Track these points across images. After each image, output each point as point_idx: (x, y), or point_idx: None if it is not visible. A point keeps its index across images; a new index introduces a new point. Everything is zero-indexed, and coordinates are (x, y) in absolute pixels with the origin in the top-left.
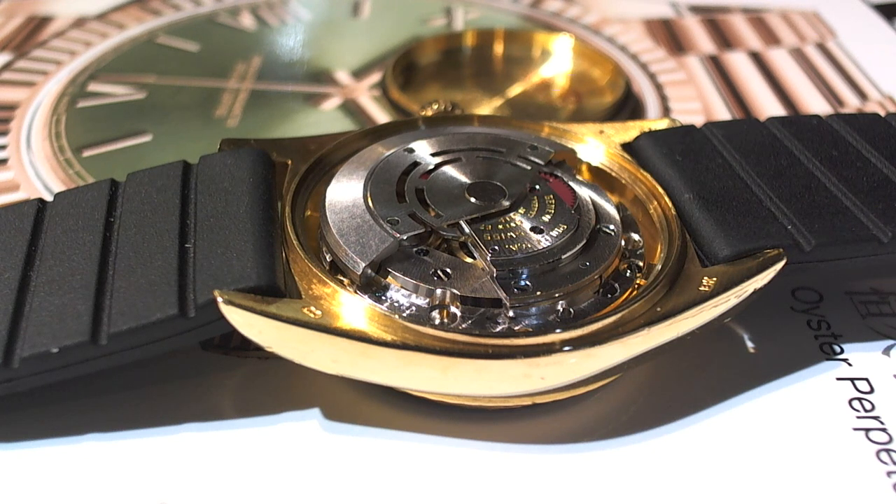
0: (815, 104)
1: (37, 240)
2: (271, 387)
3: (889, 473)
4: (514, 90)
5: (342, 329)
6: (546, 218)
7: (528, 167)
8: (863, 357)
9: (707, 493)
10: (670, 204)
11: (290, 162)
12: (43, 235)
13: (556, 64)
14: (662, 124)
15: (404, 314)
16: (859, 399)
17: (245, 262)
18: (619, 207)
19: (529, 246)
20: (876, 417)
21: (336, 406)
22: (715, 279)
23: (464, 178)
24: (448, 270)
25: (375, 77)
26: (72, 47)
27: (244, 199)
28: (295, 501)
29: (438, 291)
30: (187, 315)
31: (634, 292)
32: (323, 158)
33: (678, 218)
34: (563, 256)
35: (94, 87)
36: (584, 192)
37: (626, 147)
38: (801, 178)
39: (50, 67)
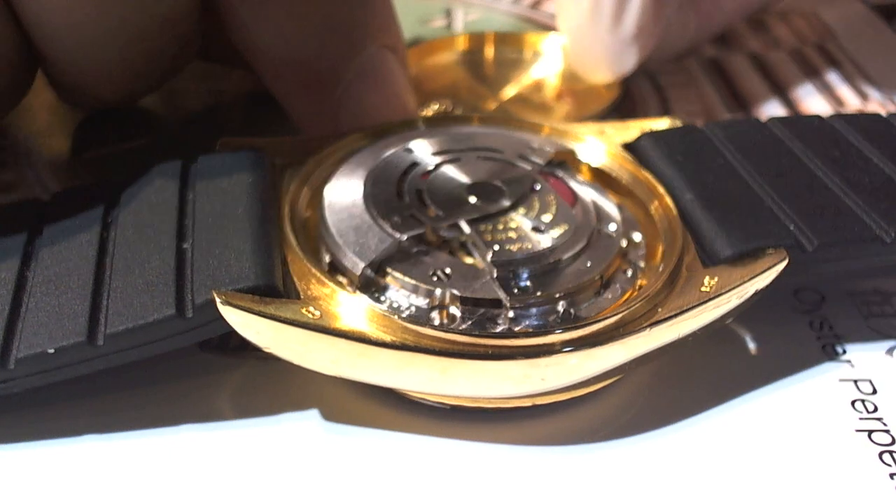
0: (815, 105)
1: (33, 240)
2: (270, 387)
3: (892, 475)
4: (509, 92)
5: (341, 330)
6: (546, 218)
7: (528, 167)
8: (865, 358)
9: (708, 494)
10: (671, 204)
11: (289, 162)
12: (39, 235)
13: (550, 64)
14: (663, 124)
15: (404, 315)
16: (862, 400)
17: (243, 263)
18: (619, 207)
19: (530, 246)
20: (879, 419)
21: (335, 407)
22: (716, 279)
23: (464, 178)
24: (448, 270)
25: None
26: None
27: (242, 199)
28: (295, 502)
29: (438, 292)
30: (185, 315)
31: (635, 293)
32: (322, 158)
33: (679, 218)
34: (564, 257)
35: None
36: (585, 192)
37: (627, 147)
38: (802, 178)
39: None
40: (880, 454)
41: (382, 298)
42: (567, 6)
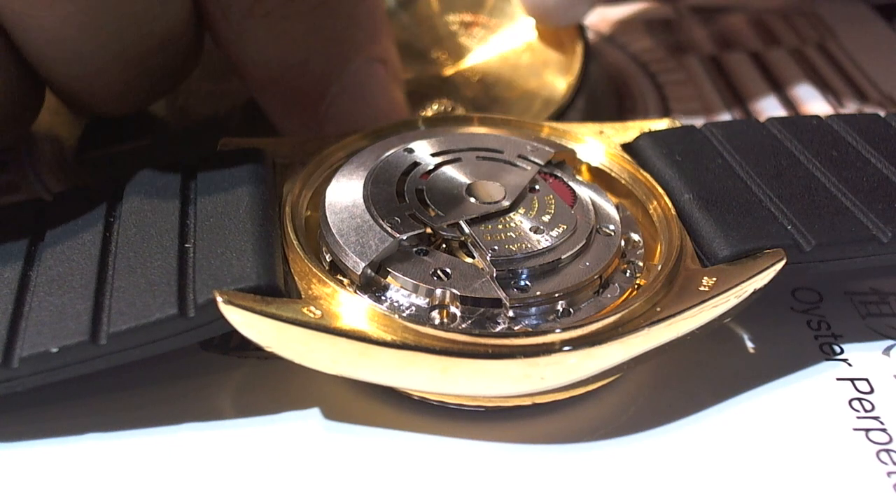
0: (814, 105)
1: (36, 240)
2: (271, 387)
3: (889, 474)
4: (467, 59)
5: (342, 329)
6: (546, 218)
7: (528, 167)
8: (863, 357)
9: (707, 493)
10: (670, 204)
11: (290, 162)
12: (42, 235)
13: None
14: (662, 124)
15: (404, 314)
16: (859, 399)
17: (245, 262)
18: (618, 207)
19: (529, 246)
20: (876, 418)
21: (336, 406)
22: (715, 279)
23: (463, 179)
24: (448, 270)
25: None
26: None
27: (244, 199)
28: (295, 501)
29: (438, 291)
30: (187, 315)
31: (634, 292)
32: (323, 158)
33: (678, 218)
34: (563, 256)
35: None
36: (584, 193)
37: (626, 147)
38: (800, 178)
39: None
40: (878, 453)
41: (383, 298)
42: None
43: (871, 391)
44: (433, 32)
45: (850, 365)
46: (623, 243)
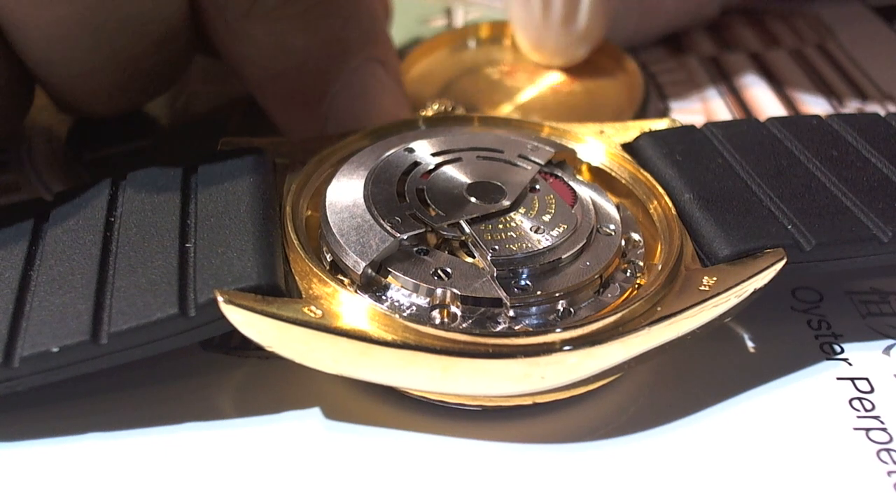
0: (814, 105)
1: (37, 239)
2: (271, 387)
3: (889, 473)
4: (521, 95)
5: (343, 329)
6: (546, 218)
7: (528, 167)
8: (863, 357)
9: (707, 493)
10: (670, 204)
11: (290, 162)
12: (43, 235)
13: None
14: (662, 124)
15: (405, 314)
16: (859, 399)
17: (245, 262)
18: (619, 207)
19: (529, 245)
20: (876, 417)
21: (336, 405)
22: (715, 279)
23: (464, 178)
24: (448, 270)
25: None
26: None
27: (244, 199)
28: (295, 501)
29: (439, 291)
30: (188, 314)
31: (634, 292)
32: (323, 158)
33: (678, 218)
34: (563, 256)
35: None
36: (585, 192)
37: (627, 147)
38: (801, 177)
39: None
40: (878, 452)
41: (384, 298)
42: (517, 4)
43: (872, 390)
44: (478, 84)
45: (850, 364)
46: (623, 243)
